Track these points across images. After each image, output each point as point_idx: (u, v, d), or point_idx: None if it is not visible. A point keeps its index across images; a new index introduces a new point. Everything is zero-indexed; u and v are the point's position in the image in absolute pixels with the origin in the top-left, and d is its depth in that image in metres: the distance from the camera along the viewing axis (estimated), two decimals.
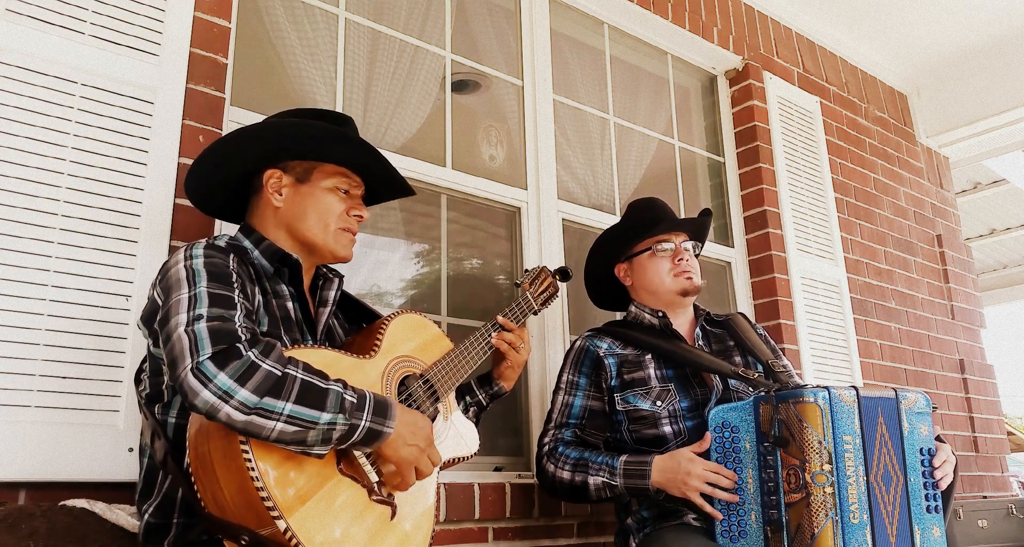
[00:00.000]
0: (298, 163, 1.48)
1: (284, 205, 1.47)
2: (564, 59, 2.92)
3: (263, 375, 1.13)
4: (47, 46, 1.64)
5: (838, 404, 1.61)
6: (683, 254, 2.03)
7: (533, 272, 1.97)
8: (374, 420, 1.22)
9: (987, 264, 7.03)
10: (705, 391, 1.90)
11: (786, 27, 3.69)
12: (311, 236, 1.47)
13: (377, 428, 1.22)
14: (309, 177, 1.48)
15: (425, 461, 1.31)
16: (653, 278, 2.03)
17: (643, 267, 2.05)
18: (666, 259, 2.02)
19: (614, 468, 1.78)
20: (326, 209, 1.48)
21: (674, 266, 2.01)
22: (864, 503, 1.58)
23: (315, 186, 1.48)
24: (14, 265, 1.53)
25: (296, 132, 1.46)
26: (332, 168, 1.50)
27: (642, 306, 2.08)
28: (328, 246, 1.49)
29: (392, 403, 1.27)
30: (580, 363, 1.99)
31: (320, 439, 1.16)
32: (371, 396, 1.24)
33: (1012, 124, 4.11)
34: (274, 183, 1.47)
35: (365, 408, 1.21)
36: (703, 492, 1.67)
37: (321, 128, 1.47)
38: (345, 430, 1.18)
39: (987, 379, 4.09)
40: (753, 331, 2.10)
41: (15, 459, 1.45)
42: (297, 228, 1.47)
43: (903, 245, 3.90)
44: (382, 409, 1.24)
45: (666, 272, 2.02)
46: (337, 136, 1.47)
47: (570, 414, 1.94)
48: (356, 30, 2.40)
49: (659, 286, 2.03)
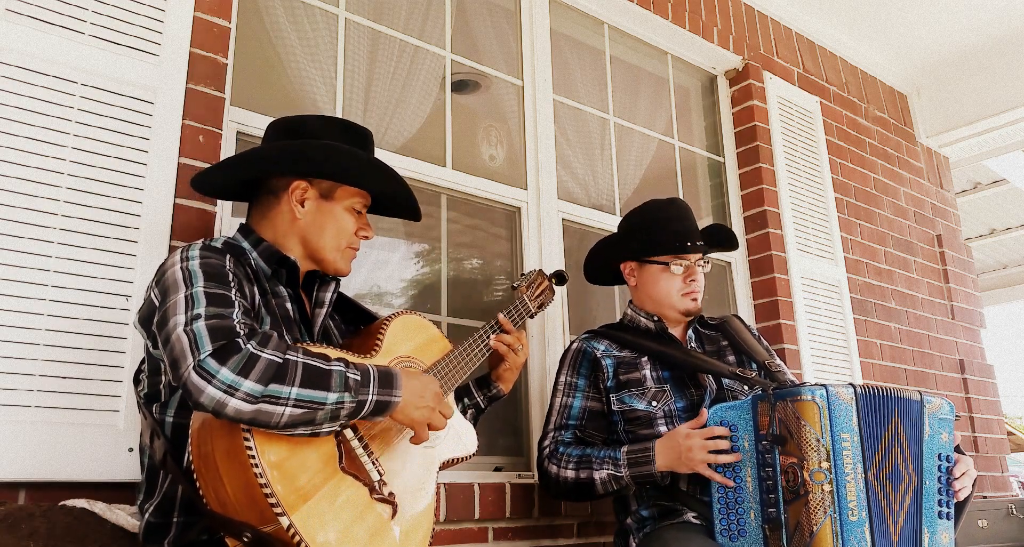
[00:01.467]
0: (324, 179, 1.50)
1: (305, 218, 1.49)
2: (564, 59, 2.92)
3: (265, 364, 1.14)
4: (47, 46, 1.64)
5: (836, 402, 1.61)
6: (695, 274, 2.02)
7: (529, 276, 1.97)
8: (381, 392, 1.24)
9: (987, 264, 7.03)
10: (700, 391, 1.91)
11: (786, 27, 3.69)
12: (323, 252, 1.51)
13: (385, 399, 1.25)
14: (333, 194, 1.51)
15: (437, 416, 1.35)
16: (661, 291, 2.02)
17: (654, 278, 2.03)
18: (678, 278, 2.01)
19: (618, 459, 1.78)
20: (343, 229, 1.52)
21: (684, 286, 2.01)
22: (863, 500, 1.58)
23: (337, 204, 1.51)
24: (14, 265, 1.53)
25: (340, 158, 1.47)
26: (354, 190, 1.53)
27: (638, 310, 2.08)
28: (335, 262, 1.53)
29: (396, 372, 1.29)
30: (578, 364, 1.99)
31: (328, 417, 1.18)
32: (374, 369, 1.26)
33: (1012, 124, 4.11)
34: (299, 194, 1.49)
35: (370, 383, 1.23)
36: (708, 462, 1.67)
37: (365, 160, 1.50)
38: (353, 407, 1.20)
39: (987, 379, 4.09)
40: (748, 332, 2.10)
41: (15, 459, 1.45)
42: (313, 242, 1.50)
43: (903, 245, 3.90)
44: (387, 380, 1.26)
45: (675, 290, 2.01)
46: (370, 166, 1.50)
47: (569, 415, 1.94)
48: (356, 30, 2.40)
49: (664, 300, 2.02)
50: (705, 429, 1.69)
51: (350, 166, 1.49)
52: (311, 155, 1.47)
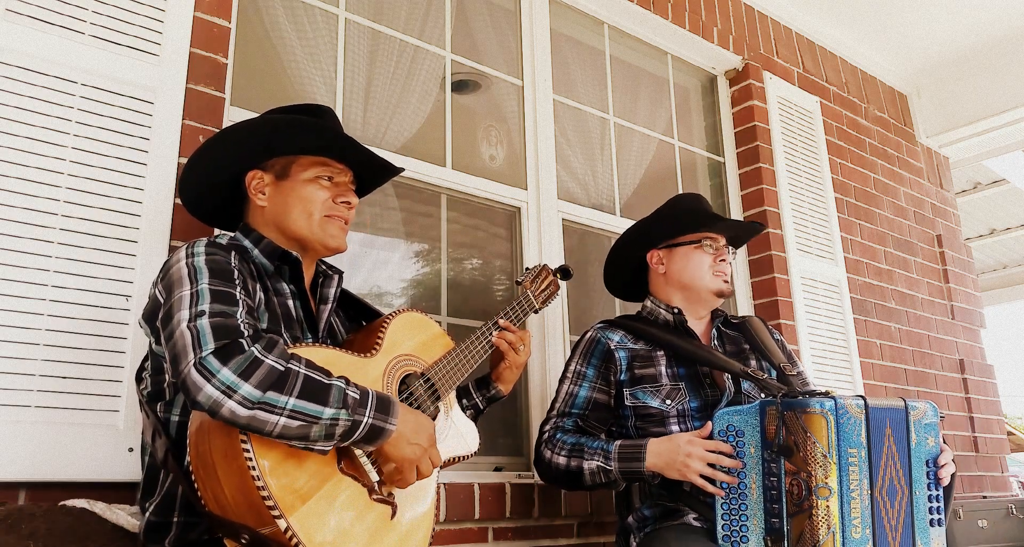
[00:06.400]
0: (276, 160, 1.48)
1: (268, 204, 1.47)
2: (564, 59, 2.92)
3: (266, 370, 1.13)
4: (47, 46, 1.64)
5: (844, 416, 1.57)
6: (725, 255, 2.01)
7: (534, 270, 1.97)
8: (376, 417, 1.22)
9: (987, 264, 7.02)
10: (716, 392, 1.88)
11: (786, 27, 3.69)
12: (297, 229, 1.46)
13: (380, 425, 1.22)
14: (288, 172, 1.48)
15: (426, 461, 1.31)
16: (694, 271, 1.99)
17: (685, 258, 2.01)
18: (710, 255, 2.00)
19: (609, 452, 1.77)
20: (308, 199, 1.46)
21: (715, 264, 2.00)
22: (867, 518, 1.55)
23: (295, 180, 1.47)
24: (14, 265, 1.53)
25: (262, 128, 1.45)
26: (310, 160, 1.49)
27: (658, 301, 2.05)
28: (317, 237, 1.47)
29: (395, 401, 1.27)
30: (590, 354, 1.97)
31: (323, 434, 1.16)
32: (374, 393, 1.24)
33: (1012, 124, 4.11)
34: (256, 184, 1.47)
35: (368, 405, 1.21)
36: (704, 474, 1.65)
37: (285, 120, 1.46)
38: (348, 426, 1.18)
39: (987, 379, 4.09)
40: (769, 335, 2.08)
41: (15, 459, 1.45)
42: (284, 225, 1.46)
43: (903, 245, 3.90)
44: (385, 406, 1.24)
45: (707, 267, 1.99)
46: (304, 126, 1.45)
47: (574, 404, 1.93)
48: (356, 30, 2.40)
49: (697, 280, 1.99)
50: (711, 441, 1.66)
51: (285, 134, 1.44)
52: (234, 137, 1.44)
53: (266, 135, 1.45)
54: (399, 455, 1.27)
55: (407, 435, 1.27)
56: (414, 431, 1.29)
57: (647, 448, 1.74)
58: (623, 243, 2.14)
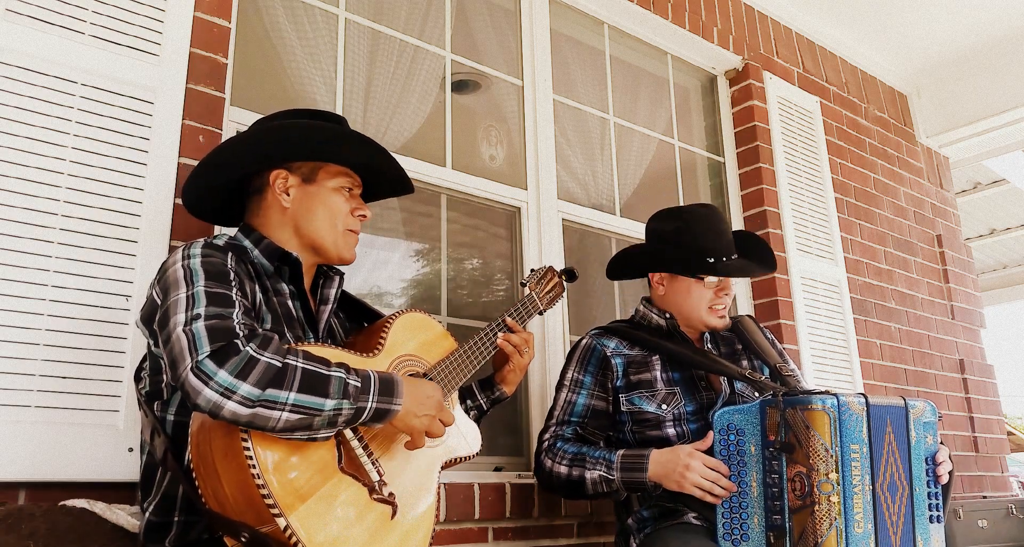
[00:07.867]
0: (303, 163, 1.49)
1: (292, 205, 1.47)
2: (564, 59, 2.92)
3: (263, 367, 1.13)
4: (47, 46, 1.64)
5: (846, 412, 1.58)
6: (729, 288, 1.99)
7: (539, 272, 1.96)
8: (381, 400, 1.23)
9: (987, 264, 7.03)
10: (711, 395, 1.89)
11: (786, 27, 3.69)
12: (319, 236, 1.48)
13: (385, 407, 1.24)
14: (315, 177, 1.49)
15: (436, 425, 1.34)
16: (693, 304, 1.98)
17: (685, 289, 1.99)
18: (710, 291, 1.98)
19: (611, 462, 1.77)
20: (334, 209, 1.49)
21: (715, 299, 1.98)
22: (869, 513, 1.56)
23: (321, 186, 1.49)
24: (14, 265, 1.53)
25: (302, 134, 1.46)
26: (336, 168, 1.51)
27: (652, 307, 2.06)
28: (336, 247, 1.50)
29: (398, 379, 1.28)
30: (586, 361, 1.98)
31: (326, 424, 1.18)
32: (376, 376, 1.25)
33: (1012, 124, 4.11)
34: (281, 183, 1.47)
35: (371, 390, 1.22)
36: (701, 487, 1.66)
37: (329, 129, 1.48)
38: (351, 414, 1.20)
39: (987, 379, 4.09)
40: (761, 334, 2.09)
41: (15, 459, 1.45)
42: (305, 228, 1.48)
43: (903, 245, 3.90)
44: (388, 387, 1.25)
45: (705, 303, 1.97)
46: (343, 136, 1.48)
47: (572, 412, 1.93)
48: (356, 30, 2.40)
49: (693, 312, 1.98)
50: (712, 459, 1.67)
51: (325, 141, 1.46)
52: (284, 137, 1.45)
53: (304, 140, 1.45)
54: (408, 427, 1.30)
55: (414, 409, 1.29)
56: (420, 403, 1.30)
57: (650, 458, 1.74)
58: (632, 255, 2.14)
